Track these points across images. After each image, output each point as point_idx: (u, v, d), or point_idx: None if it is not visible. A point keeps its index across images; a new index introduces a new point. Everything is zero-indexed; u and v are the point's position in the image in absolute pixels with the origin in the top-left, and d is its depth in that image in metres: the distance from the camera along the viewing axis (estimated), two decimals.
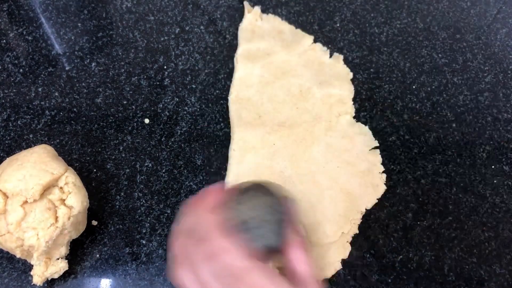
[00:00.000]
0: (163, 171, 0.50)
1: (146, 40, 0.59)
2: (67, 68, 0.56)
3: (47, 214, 0.40)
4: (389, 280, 0.46)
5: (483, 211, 0.50)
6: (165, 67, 0.57)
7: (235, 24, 0.61)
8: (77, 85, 0.55)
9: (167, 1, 0.62)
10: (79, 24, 0.60)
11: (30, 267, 0.43)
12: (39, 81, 0.55)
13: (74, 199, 0.42)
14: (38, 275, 0.42)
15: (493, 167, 0.53)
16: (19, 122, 0.52)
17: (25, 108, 0.53)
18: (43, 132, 0.52)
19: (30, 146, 0.48)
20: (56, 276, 0.43)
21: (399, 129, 0.54)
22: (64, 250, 0.43)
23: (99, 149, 0.51)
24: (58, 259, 0.43)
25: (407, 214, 0.49)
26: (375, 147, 0.52)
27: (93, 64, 0.57)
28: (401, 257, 0.47)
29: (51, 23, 0.60)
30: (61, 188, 0.42)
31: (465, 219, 0.49)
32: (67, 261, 0.43)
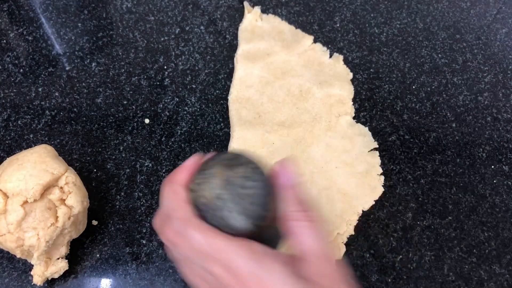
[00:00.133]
0: (163, 171, 0.50)
1: (146, 40, 0.59)
2: (67, 68, 0.56)
3: (47, 214, 0.40)
4: (389, 280, 0.46)
5: (483, 211, 0.50)
6: (165, 67, 0.57)
7: (235, 24, 0.61)
8: (77, 85, 0.55)
9: (167, 1, 0.62)
10: (79, 24, 0.60)
11: (30, 267, 0.43)
12: (40, 81, 0.55)
13: (74, 199, 0.42)
14: (38, 275, 0.42)
15: (493, 167, 0.53)
16: (19, 122, 0.52)
17: (25, 108, 0.53)
18: (43, 132, 0.52)
19: (31, 146, 0.48)
20: (56, 276, 0.43)
21: (399, 129, 0.55)
22: (64, 250, 0.43)
23: (99, 149, 0.51)
24: (58, 259, 0.43)
25: (407, 214, 0.49)
26: (374, 149, 0.52)
27: (93, 64, 0.57)
28: (401, 257, 0.47)
29: (51, 23, 0.60)
30: (61, 188, 0.42)
31: (464, 219, 0.49)
32: (67, 261, 0.43)
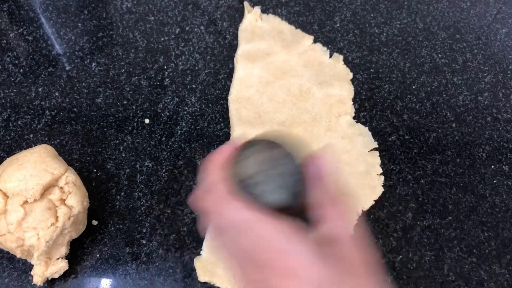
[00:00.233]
0: (163, 171, 0.50)
1: (146, 40, 0.59)
2: (67, 68, 0.56)
3: (48, 214, 0.40)
4: (389, 280, 0.46)
5: (482, 211, 0.50)
6: (165, 67, 0.57)
7: (235, 24, 0.61)
8: (77, 85, 0.55)
9: (167, 1, 0.62)
10: (79, 24, 0.60)
11: (31, 267, 0.43)
12: (40, 81, 0.55)
13: (74, 199, 0.42)
14: (39, 275, 0.42)
15: (493, 167, 0.53)
16: (19, 122, 0.52)
17: (25, 108, 0.53)
18: (43, 132, 0.52)
19: (31, 146, 0.48)
20: (56, 276, 0.43)
21: (399, 129, 0.55)
22: (64, 250, 0.43)
23: (99, 149, 0.51)
24: (58, 259, 0.43)
25: (407, 214, 0.49)
26: (374, 149, 0.52)
27: (93, 64, 0.57)
28: (401, 257, 0.47)
29: (52, 23, 0.60)
30: (61, 188, 0.42)
31: (464, 219, 0.49)
32: (67, 261, 0.43)
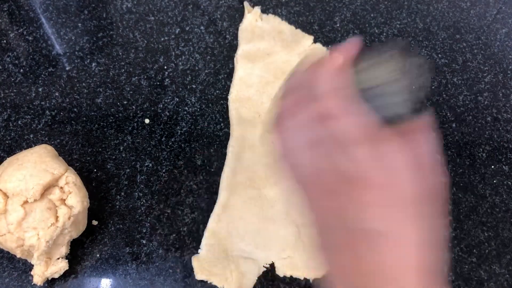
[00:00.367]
0: (163, 171, 0.50)
1: (146, 40, 0.59)
2: (67, 68, 0.56)
3: (48, 214, 0.40)
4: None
5: (483, 211, 0.50)
6: (165, 67, 0.57)
7: (235, 24, 0.61)
8: (77, 85, 0.55)
9: (167, 1, 0.62)
10: (79, 24, 0.60)
11: (31, 267, 0.43)
12: (40, 81, 0.55)
13: (74, 199, 0.42)
14: (39, 275, 0.42)
15: (493, 167, 0.53)
16: (19, 122, 0.52)
17: (25, 108, 0.53)
18: (43, 132, 0.52)
19: (31, 146, 0.48)
20: (56, 276, 0.43)
21: None
22: (64, 250, 0.43)
23: (100, 149, 0.51)
24: (59, 258, 0.43)
25: None
26: None
27: (93, 64, 0.57)
28: None
29: (52, 23, 0.60)
30: (61, 188, 0.42)
31: (464, 219, 0.49)
32: (67, 260, 0.43)
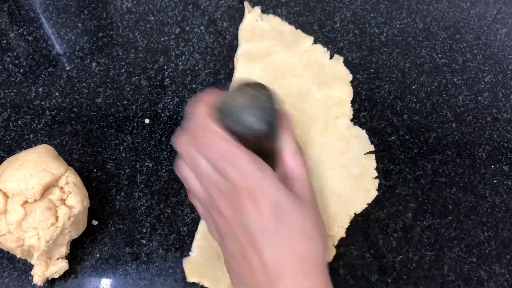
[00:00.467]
0: (163, 171, 0.50)
1: (146, 40, 0.59)
2: (67, 68, 0.56)
3: (48, 214, 0.40)
4: (389, 280, 0.46)
5: (483, 211, 0.50)
6: (165, 67, 0.57)
7: (235, 24, 0.61)
8: (77, 85, 0.55)
9: (167, 1, 0.62)
10: (79, 24, 0.60)
11: (31, 267, 0.43)
12: (40, 81, 0.55)
13: (74, 199, 0.42)
14: (39, 275, 0.42)
15: (493, 167, 0.53)
16: (19, 122, 0.52)
17: (25, 108, 0.53)
18: (43, 132, 0.52)
19: (31, 146, 0.48)
20: (56, 276, 0.43)
21: (399, 129, 0.55)
22: (64, 250, 0.43)
23: (100, 149, 0.51)
24: (59, 259, 0.43)
25: (407, 214, 0.49)
26: (371, 152, 0.52)
27: (93, 64, 0.57)
28: (401, 257, 0.47)
29: (52, 23, 0.60)
30: (61, 188, 0.42)
31: (464, 219, 0.50)
32: (67, 261, 0.43)
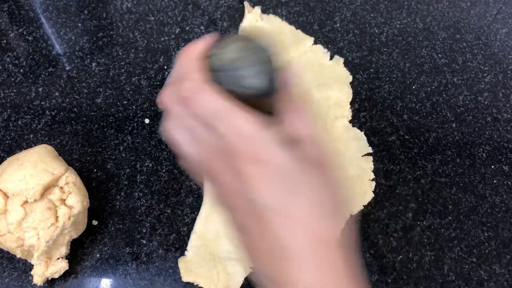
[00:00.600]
0: (163, 171, 0.50)
1: (147, 40, 0.59)
2: (67, 68, 0.56)
3: (48, 214, 0.40)
4: (389, 280, 0.46)
5: (483, 211, 0.50)
6: (165, 67, 0.57)
7: (235, 24, 0.61)
8: (77, 85, 0.55)
9: (167, 1, 0.62)
10: (79, 24, 0.60)
11: (31, 267, 0.43)
12: (40, 81, 0.55)
13: (74, 199, 0.42)
14: (39, 275, 0.42)
15: (493, 167, 0.53)
16: (19, 122, 0.52)
17: (25, 108, 0.53)
18: (43, 132, 0.52)
19: (31, 146, 0.48)
20: (56, 276, 0.43)
21: (399, 129, 0.55)
22: (64, 250, 0.43)
23: (99, 149, 0.51)
24: (59, 259, 0.43)
25: (407, 214, 0.49)
26: (368, 154, 0.52)
27: (93, 64, 0.57)
28: (401, 257, 0.47)
29: (52, 23, 0.60)
30: (61, 188, 0.42)
31: (465, 219, 0.50)
32: (67, 261, 0.43)
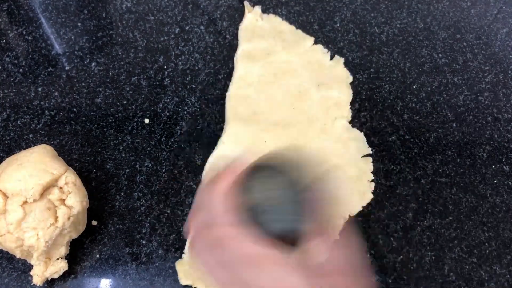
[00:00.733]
0: (163, 171, 0.50)
1: (146, 40, 0.59)
2: (67, 68, 0.56)
3: (47, 214, 0.40)
4: (389, 280, 0.46)
5: (483, 211, 0.50)
6: (165, 67, 0.57)
7: (235, 24, 0.61)
8: (77, 85, 0.55)
9: (167, 1, 0.62)
10: (79, 24, 0.60)
11: (30, 267, 0.43)
12: (39, 81, 0.55)
13: (74, 199, 0.42)
14: (38, 275, 0.41)
15: (493, 167, 0.53)
16: (19, 122, 0.52)
17: (25, 108, 0.53)
18: (43, 132, 0.52)
19: (30, 146, 0.48)
20: (56, 276, 0.43)
21: (399, 129, 0.54)
22: (64, 250, 0.43)
23: (99, 149, 0.51)
24: (58, 259, 0.43)
25: (407, 214, 0.49)
26: (368, 155, 0.52)
27: (93, 64, 0.57)
28: (401, 257, 0.47)
29: (51, 23, 0.60)
30: (61, 188, 0.42)
31: (465, 219, 0.49)
32: (67, 261, 0.43)
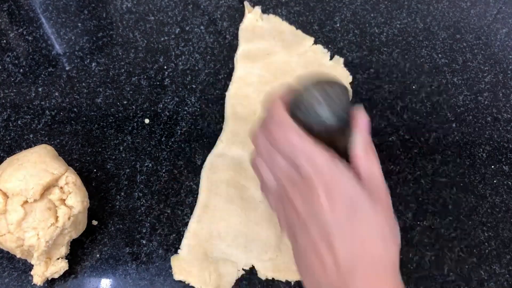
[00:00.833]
0: (163, 171, 0.50)
1: (146, 40, 0.59)
2: (67, 68, 0.56)
3: (47, 214, 0.40)
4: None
5: (483, 211, 0.50)
6: (165, 67, 0.57)
7: (235, 24, 0.61)
8: (77, 85, 0.55)
9: (167, 1, 0.62)
10: (79, 24, 0.60)
11: (30, 267, 0.43)
12: (39, 81, 0.55)
13: (74, 199, 0.42)
14: (38, 275, 0.42)
15: (493, 167, 0.53)
16: (19, 122, 0.52)
17: (25, 108, 0.53)
18: (43, 132, 0.52)
19: (30, 146, 0.48)
20: (56, 276, 0.43)
21: (399, 129, 0.54)
22: (64, 250, 0.43)
23: (99, 149, 0.51)
24: (58, 259, 0.43)
25: (407, 214, 0.49)
26: None
27: (93, 64, 0.57)
28: (401, 257, 0.47)
29: (51, 23, 0.60)
30: (61, 188, 0.42)
31: (465, 219, 0.49)
32: (67, 261, 0.43)
